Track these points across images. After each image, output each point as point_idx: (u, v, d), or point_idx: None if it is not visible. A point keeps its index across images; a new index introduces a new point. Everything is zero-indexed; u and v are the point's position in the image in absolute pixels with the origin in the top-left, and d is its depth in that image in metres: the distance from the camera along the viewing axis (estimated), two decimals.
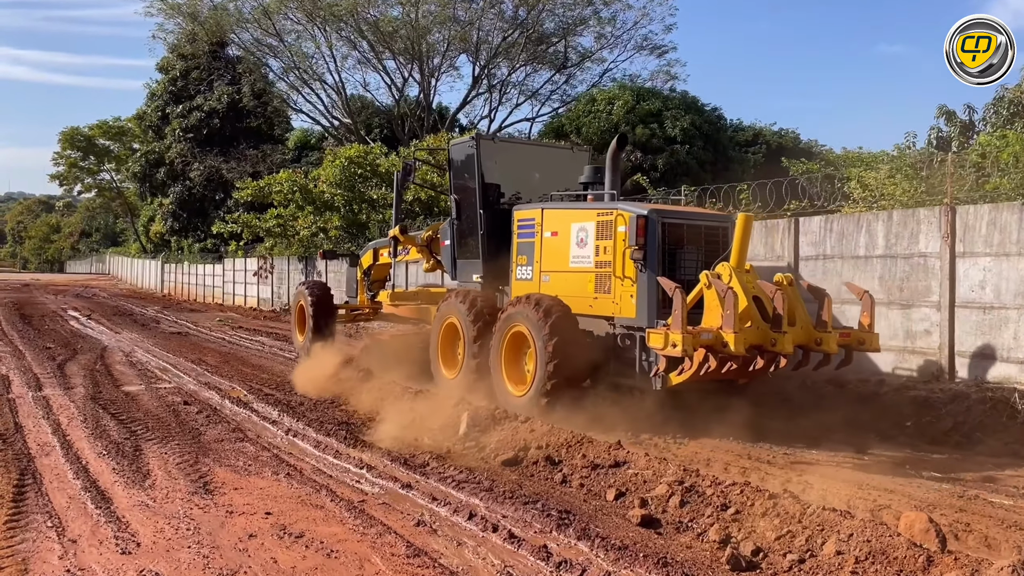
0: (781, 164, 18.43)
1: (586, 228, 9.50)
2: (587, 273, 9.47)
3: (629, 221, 8.89)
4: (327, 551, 5.16)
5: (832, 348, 8.43)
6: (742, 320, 7.94)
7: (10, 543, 5.24)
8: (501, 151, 11.77)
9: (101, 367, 13.63)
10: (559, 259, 9.88)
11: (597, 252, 9.34)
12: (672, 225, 9.05)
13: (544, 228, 10.11)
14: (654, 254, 8.78)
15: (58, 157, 65.70)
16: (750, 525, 5.33)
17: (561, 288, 9.68)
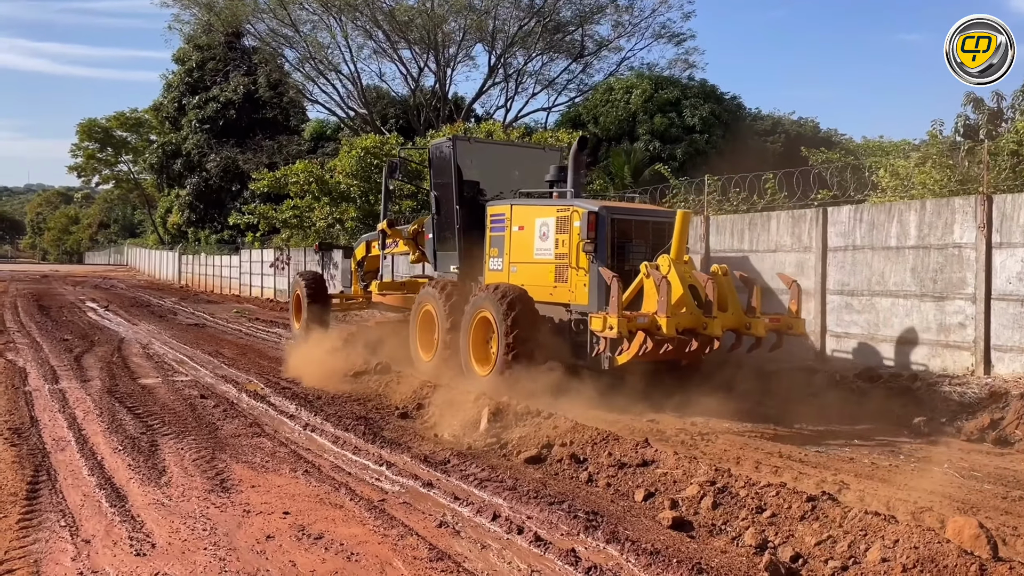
0: (800, 153, 18.08)
1: (548, 223, 10.40)
2: (548, 264, 10.38)
3: (582, 217, 9.78)
4: (347, 554, 4.98)
5: (760, 332, 9.43)
6: (677, 306, 8.91)
7: (23, 543, 5.09)
8: (478, 151, 12.70)
9: (118, 359, 13.54)
10: (525, 251, 10.74)
11: (557, 245, 10.25)
12: (621, 221, 9.99)
13: (512, 223, 10.96)
14: (603, 247, 9.70)
15: (76, 149, 66.08)
16: (788, 529, 5.09)
17: (527, 278, 10.56)
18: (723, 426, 8.71)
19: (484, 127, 27.82)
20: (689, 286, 9.17)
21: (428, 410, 9.30)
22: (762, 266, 12.27)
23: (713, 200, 13.87)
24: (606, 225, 9.76)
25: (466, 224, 11.66)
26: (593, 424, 7.58)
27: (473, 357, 10.38)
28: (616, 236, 9.86)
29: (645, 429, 8.32)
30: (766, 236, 12.27)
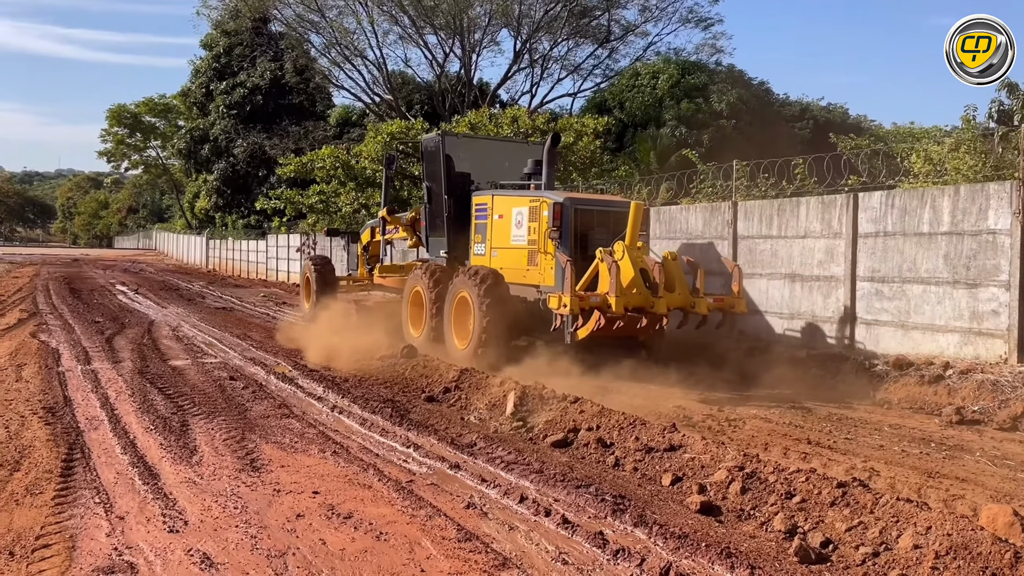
0: (829, 140, 17.84)
1: (522, 212, 11.38)
2: (522, 249, 11.40)
3: (549, 207, 10.73)
4: (376, 533, 5.02)
5: (703, 310, 10.43)
6: (628, 288, 9.85)
7: (58, 519, 5.18)
8: (467, 145, 13.95)
9: (148, 341, 13.73)
10: (504, 237, 11.78)
11: (529, 232, 11.26)
12: (583, 211, 10.91)
13: (493, 211, 11.99)
14: (567, 234, 10.64)
15: (106, 134, 66.83)
16: (817, 515, 5.06)
17: (505, 262, 11.60)
18: (750, 412, 8.67)
19: (509, 113, 27.71)
20: (640, 270, 10.07)
21: (454, 394, 9.34)
22: (791, 252, 12.15)
23: (741, 186, 13.74)
24: (570, 214, 10.69)
25: (454, 212, 12.64)
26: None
27: (454, 332, 11.44)
28: (579, 224, 10.79)
29: (672, 415, 8.30)
30: (795, 222, 12.14)
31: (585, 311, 9.77)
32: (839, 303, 11.46)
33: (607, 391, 9.18)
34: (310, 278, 15.70)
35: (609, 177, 24.72)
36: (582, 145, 25.63)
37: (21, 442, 6.99)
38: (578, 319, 9.83)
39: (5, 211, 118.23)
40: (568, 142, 25.44)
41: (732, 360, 11.75)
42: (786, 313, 12.28)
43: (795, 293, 12.15)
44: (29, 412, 8.14)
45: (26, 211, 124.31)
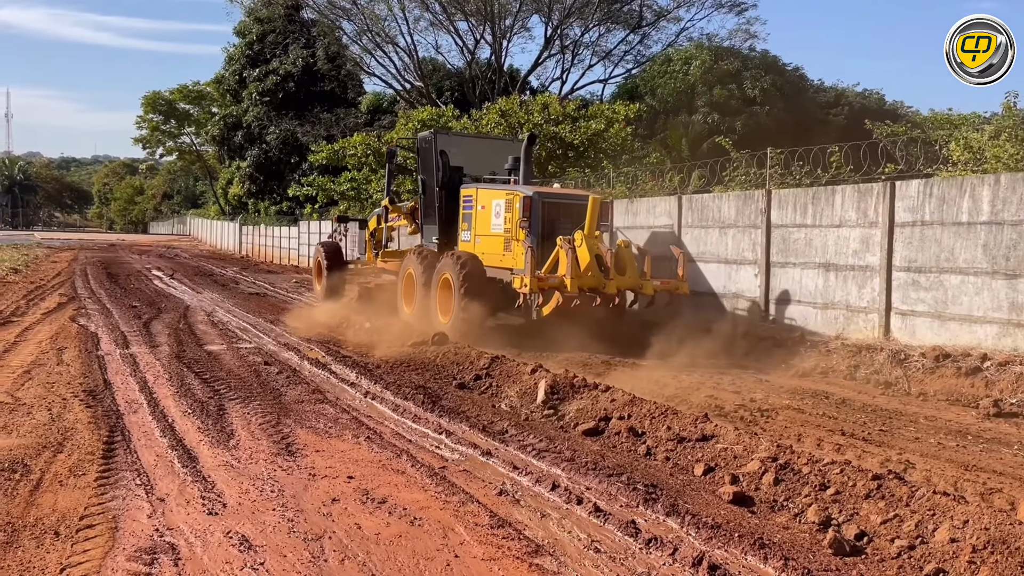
0: (864, 127, 17.56)
1: (500, 204, 12.80)
2: (500, 237, 12.74)
3: (520, 200, 12.16)
4: (410, 518, 5.08)
5: (649, 291, 12.00)
6: (585, 271, 11.36)
7: (101, 500, 5.31)
8: (460, 142, 15.52)
9: (184, 326, 13.95)
10: (486, 226, 13.13)
11: (505, 222, 12.63)
12: (550, 204, 12.42)
13: (477, 203, 13.34)
14: (536, 224, 12.12)
15: (141, 121, 67.66)
16: (852, 507, 5.03)
17: (486, 248, 12.98)
18: (783, 402, 8.62)
19: (540, 99, 27.62)
20: (595, 255, 11.54)
21: (484, 381, 9.40)
22: (826, 241, 12.01)
23: (776, 174, 13.59)
24: (538, 207, 12.18)
25: (446, 203, 13.99)
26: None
27: (439, 309, 12.80)
28: (546, 215, 12.25)
29: (704, 404, 8.28)
30: (830, 211, 11.99)
31: (546, 291, 11.47)
32: (874, 293, 11.32)
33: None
34: (321, 263, 17.18)
35: (640, 164, 24.59)
36: (613, 132, 25.49)
37: (64, 424, 7.16)
38: (539, 298, 11.68)
39: (44, 197, 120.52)
40: (599, 129, 25.33)
41: (762, 349, 11.69)
42: (819, 303, 12.15)
43: (829, 283, 12.02)
44: (70, 395, 8.33)
45: (64, 197, 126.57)
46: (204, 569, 4.30)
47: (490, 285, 12.32)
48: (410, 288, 13.95)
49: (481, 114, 28.25)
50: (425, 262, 13.49)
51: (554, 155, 24.82)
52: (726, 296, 13.90)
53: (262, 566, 4.36)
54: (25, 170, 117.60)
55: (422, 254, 13.89)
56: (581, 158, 24.54)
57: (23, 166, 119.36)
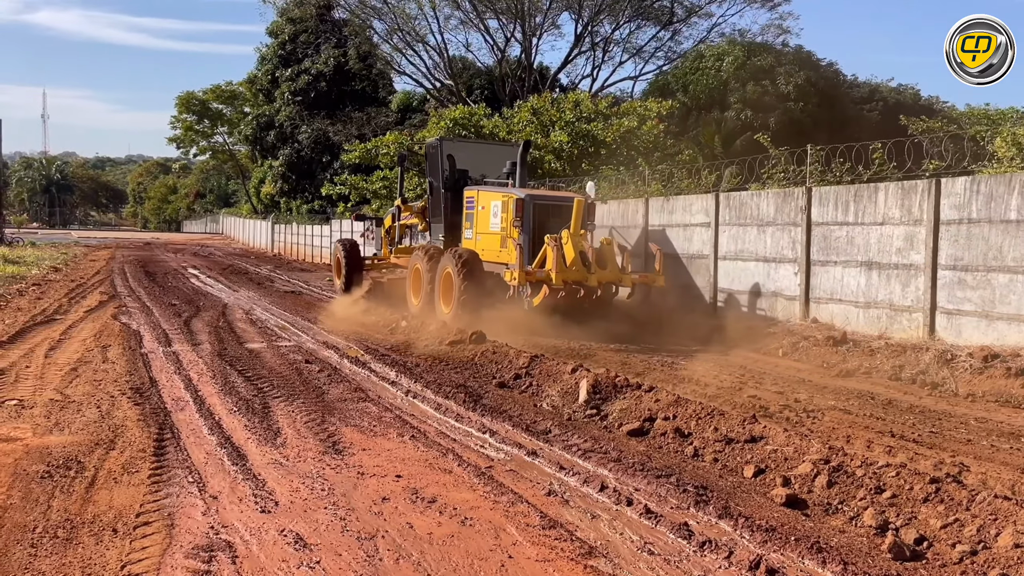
0: (900, 122, 17.28)
1: (497, 205, 13.98)
2: (497, 235, 13.93)
3: (513, 202, 13.40)
4: (461, 518, 5.09)
5: (627, 284, 13.34)
6: (570, 266, 12.63)
7: (155, 497, 5.37)
8: (464, 148, 16.76)
9: (224, 324, 14.10)
10: (485, 225, 14.34)
11: (501, 221, 13.81)
12: (540, 205, 13.69)
13: (478, 204, 14.56)
14: (528, 223, 13.40)
15: (175, 121, 68.57)
16: (910, 511, 4.95)
17: (485, 245, 14.19)
18: (828, 403, 8.51)
19: (571, 97, 27.54)
20: (580, 252, 12.77)
21: (525, 380, 9.38)
22: (868, 239, 11.85)
23: (815, 171, 13.43)
24: (529, 208, 13.44)
25: (451, 204, 15.19)
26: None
27: (441, 300, 13.77)
28: (537, 216, 13.52)
29: (748, 404, 8.19)
30: (872, 208, 11.82)
31: (534, 284, 12.80)
32: (919, 292, 11.15)
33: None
34: (340, 259, 17.90)
35: (673, 161, 24.43)
36: (645, 129, 25.35)
37: (113, 421, 7.26)
38: (529, 290, 12.96)
39: (80, 196, 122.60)
40: (632, 126, 25.20)
41: (802, 349, 11.57)
42: (861, 302, 11.99)
43: (872, 281, 11.85)
44: (118, 392, 8.45)
45: (99, 196, 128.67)
46: (261, 567, 4.33)
47: (487, 279, 13.40)
48: (417, 282, 15.00)
49: (512, 112, 28.23)
50: (430, 259, 14.51)
51: (586, 153, 24.75)
52: (764, 295, 13.77)
53: (318, 564, 4.38)
54: (62, 170, 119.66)
55: (428, 251, 14.90)
56: (613, 156, 24.44)
57: (60, 166, 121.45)
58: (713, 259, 14.83)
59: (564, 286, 12.51)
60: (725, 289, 14.66)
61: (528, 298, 12.99)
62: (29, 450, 6.29)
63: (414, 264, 15.27)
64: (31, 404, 7.82)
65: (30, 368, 9.66)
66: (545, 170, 24.20)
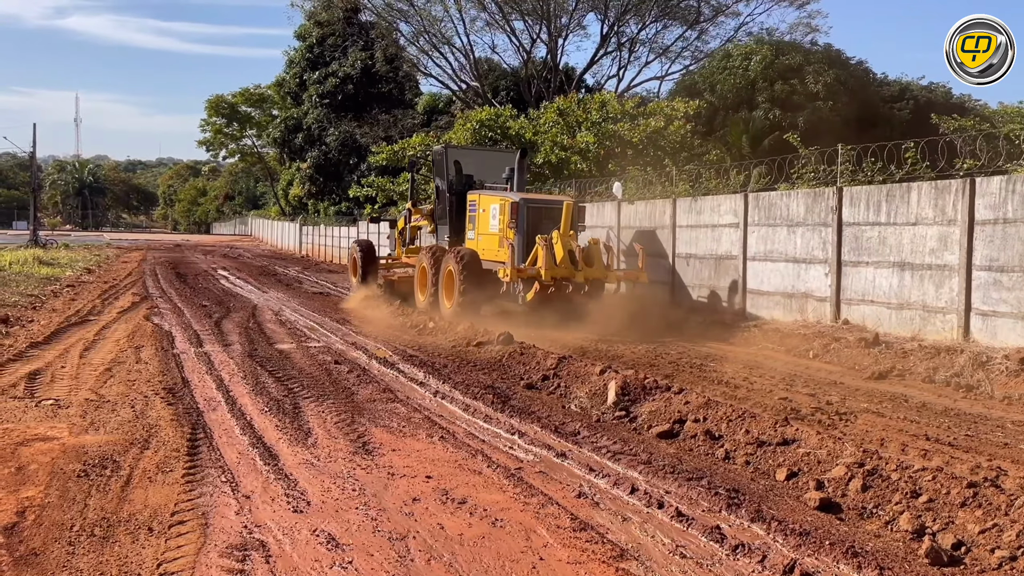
0: (931, 121, 17.03)
1: (495, 207, 15.05)
2: (496, 235, 14.89)
3: (509, 205, 14.52)
4: (491, 519, 5.09)
5: (613, 280, 14.83)
6: (560, 264, 13.70)
7: (189, 496, 5.43)
8: (469, 154, 18.09)
9: (254, 325, 14.24)
10: (485, 227, 15.36)
11: (499, 223, 14.81)
12: (534, 208, 14.77)
13: (479, 207, 15.68)
14: (522, 225, 14.44)
15: (204, 124, 69.37)
16: (947, 515, 4.87)
17: (485, 245, 15.20)
18: (861, 406, 8.41)
19: (597, 98, 27.49)
20: (568, 251, 13.76)
21: (552, 381, 9.37)
22: (901, 239, 11.69)
23: (846, 170, 13.28)
24: (523, 211, 14.52)
25: (456, 207, 16.31)
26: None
27: (444, 296, 14.89)
28: (531, 218, 14.53)
29: (778, 407, 8.11)
30: (905, 208, 11.66)
31: (526, 280, 13.90)
32: (953, 293, 10.98)
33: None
34: (356, 258, 18.99)
35: (700, 161, 24.28)
36: (672, 129, 25.23)
37: (148, 421, 7.36)
38: (520, 285, 14.17)
39: (112, 199, 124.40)
40: (658, 127, 25.09)
41: (833, 351, 11.44)
42: (894, 303, 11.83)
43: (904, 282, 11.69)
44: (151, 392, 8.56)
45: (130, 198, 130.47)
46: (295, 566, 4.37)
47: (485, 276, 14.38)
48: (424, 280, 16.07)
49: (539, 113, 28.22)
50: (434, 257, 15.61)
51: (613, 153, 24.68)
52: (794, 296, 13.64)
53: (351, 564, 4.41)
54: (94, 173, 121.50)
55: (433, 251, 16.00)
56: (640, 156, 24.35)
57: (92, 169, 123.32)
58: (742, 260, 14.72)
59: (553, 282, 13.72)
60: (754, 290, 14.54)
61: (521, 293, 14.21)
62: (66, 449, 6.40)
63: (420, 263, 16.31)
64: (67, 404, 7.95)
65: (66, 368, 9.82)
66: (571, 171, 24.17)
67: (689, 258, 16.24)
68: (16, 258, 27.36)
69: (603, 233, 18.71)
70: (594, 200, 20.34)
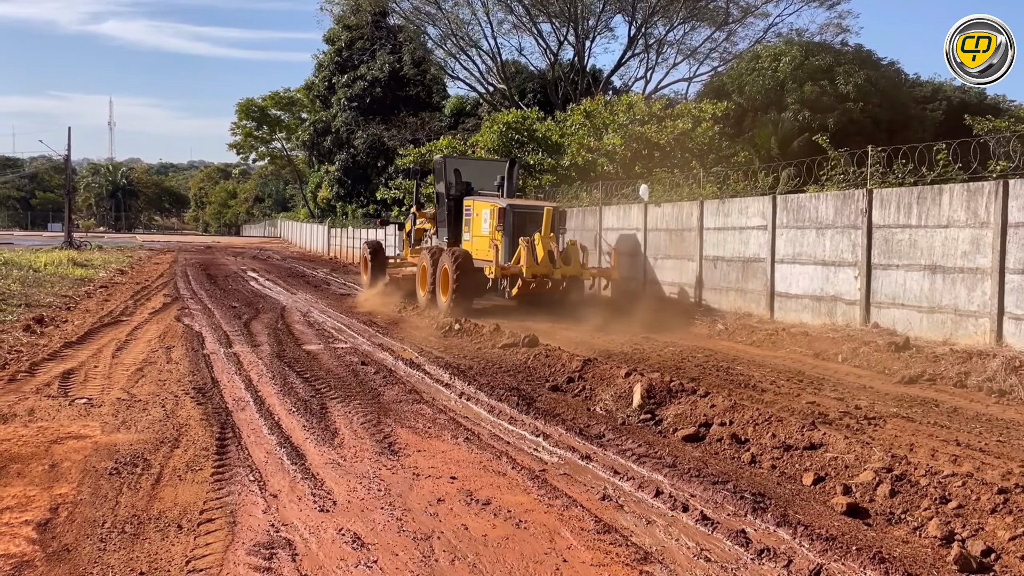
0: (964, 122, 16.77)
1: (487, 212, 16.78)
2: (487, 237, 16.54)
3: (497, 210, 16.27)
4: (515, 521, 5.11)
5: (586, 277, 16.47)
6: (540, 263, 15.47)
7: (218, 495, 5.51)
8: (467, 163, 19.75)
9: (282, 326, 14.38)
10: (479, 229, 17.08)
11: (490, 226, 16.53)
12: (519, 212, 16.40)
13: (473, 211, 17.36)
14: (509, 228, 16.11)
15: (235, 127, 70.21)
16: (976, 522, 4.81)
17: (478, 246, 16.84)
18: (890, 410, 8.30)
19: (624, 100, 27.42)
20: (548, 251, 15.57)
21: (577, 384, 9.37)
22: (932, 242, 11.54)
23: (876, 172, 13.13)
24: (510, 215, 16.20)
25: (452, 211, 17.96)
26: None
27: (440, 292, 16.38)
28: (516, 221, 16.17)
29: (806, 411, 8.04)
30: (936, 210, 11.51)
31: (510, 277, 15.67)
32: (985, 297, 10.81)
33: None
34: (366, 258, 20.82)
35: (727, 163, 24.12)
36: (700, 131, 25.11)
37: (177, 420, 7.47)
38: (504, 282, 15.86)
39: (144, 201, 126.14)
40: (686, 128, 24.98)
41: (862, 355, 11.31)
42: (925, 307, 11.68)
43: (935, 286, 11.54)
44: (181, 392, 8.69)
45: (162, 201, 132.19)
46: (320, 565, 4.42)
47: (477, 274, 15.96)
48: (424, 277, 17.63)
49: (565, 115, 28.22)
50: (433, 257, 17.11)
51: (640, 155, 24.60)
52: (823, 299, 13.51)
53: (375, 564, 4.45)
54: (127, 176, 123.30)
55: (432, 251, 17.52)
56: (667, 158, 24.25)
57: (125, 172, 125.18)
58: (770, 262, 14.61)
59: (534, 279, 15.39)
60: (782, 293, 14.42)
61: (506, 289, 15.98)
62: (98, 447, 6.52)
63: (421, 262, 17.98)
64: (100, 403, 8.09)
65: (98, 368, 10.00)
66: (598, 173, 24.14)
67: (716, 261, 16.15)
68: (51, 259, 27.86)
69: (632, 235, 18.76)
70: (620, 203, 20.30)
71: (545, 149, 26.68)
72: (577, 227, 21.77)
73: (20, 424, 7.19)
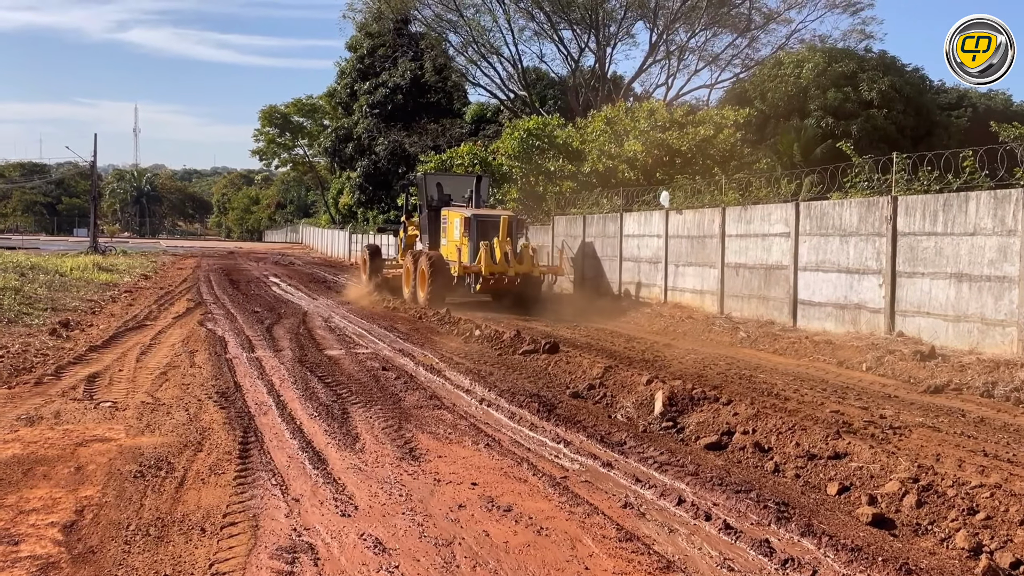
0: (990, 129, 16.55)
1: (458, 221, 19.50)
2: (458, 243, 19.24)
3: (463, 219, 19.11)
4: (536, 528, 5.09)
5: (537, 274, 19.19)
6: (498, 263, 18.26)
7: (241, 499, 5.54)
8: (446, 179, 22.90)
9: (304, 331, 14.46)
10: (452, 236, 19.75)
11: (460, 233, 19.28)
12: (482, 221, 19.10)
13: (448, 220, 20.21)
14: (473, 234, 18.80)
15: (258, 134, 70.84)
16: (1005, 533, 4.73)
17: (451, 250, 19.56)
18: (915, 420, 8.20)
19: (646, 106, 27.35)
20: (504, 252, 18.31)
21: (599, 391, 9.34)
22: (958, 250, 11.40)
23: (901, 179, 13.00)
24: (474, 223, 18.96)
25: (432, 220, 21.02)
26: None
27: (419, 288, 19.44)
28: (480, 228, 18.88)
29: (830, 420, 7.96)
30: (963, 218, 11.38)
31: (472, 275, 18.45)
32: (1012, 305, 10.66)
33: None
34: (365, 260, 23.61)
35: (750, 170, 23.99)
36: (722, 138, 25.00)
37: (201, 424, 7.53)
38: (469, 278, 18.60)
39: (168, 207, 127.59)
40: (707, 135, 24.87)
41: (887, 364, 11.18)
42: (951, 315, 11.54)
43: (961, 294, 11.40)
44: (205, 396, 8.76)
45: (186, 206, 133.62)
46: (342, 570, 4.43)
47: (448, 273, 18.85)
48: (408, 276, 20.47)
49: (586, 122, 28.20)
50: (414, 259, 20.08)
51: (661, 162, 24.54)
52: (847, 307, 13.38)
53: (397, 569, 4.45)
54: (152, 182, 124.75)
55: (414, 255, 20.55)
56: (689, 165, 24.16)
57: (150, 178, 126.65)
58: (793, 270, 14.50)
59: (491, 275, 18.16)
60: (805, 301, 14.31)
61: (471, 284, 18.73)
62: (123, 450, 6.58)
63: (405, 265, 21.03)
64: (124, 406, 8.17)
65: (123, 372, 10.10)
66: (619, 179, 24.09)
67: (738, 268, 16.05)
68: (77, 264, 28.21)
69: (652, 242, 18.71)
70: (641, 209, 20.24)
71: (566, 155, 26.68)
72: (598, 233, 21.76)
73: (46, 427, 7.28)
